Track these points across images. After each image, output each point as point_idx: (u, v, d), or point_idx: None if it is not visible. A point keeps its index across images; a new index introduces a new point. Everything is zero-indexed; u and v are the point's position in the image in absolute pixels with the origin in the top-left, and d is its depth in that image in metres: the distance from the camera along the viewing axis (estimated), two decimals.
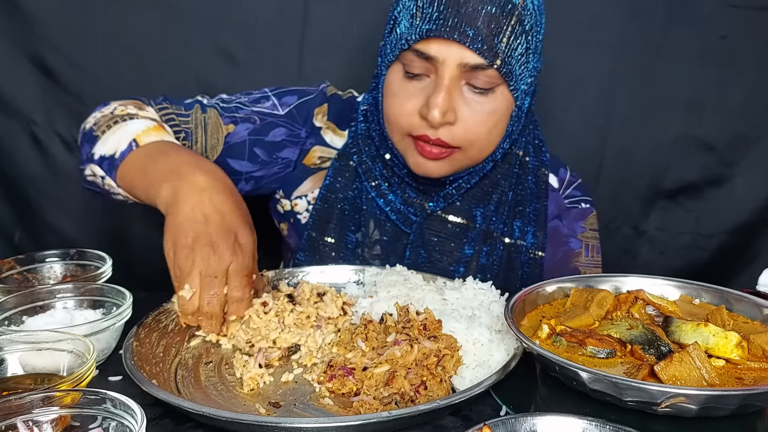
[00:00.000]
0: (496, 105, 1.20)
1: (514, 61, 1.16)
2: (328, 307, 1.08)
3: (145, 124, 1.20)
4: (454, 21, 1.11)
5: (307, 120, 1.39)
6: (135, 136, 1.17)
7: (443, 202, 1.33)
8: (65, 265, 1.18)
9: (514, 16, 1.14)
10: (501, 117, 1.22)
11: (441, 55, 1.14)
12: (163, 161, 1.12)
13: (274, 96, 1.40)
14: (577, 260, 1.40)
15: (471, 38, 1.11)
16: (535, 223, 1.37)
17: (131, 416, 0.67)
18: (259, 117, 1.36)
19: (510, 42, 1.14)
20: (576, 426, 0.71)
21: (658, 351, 0.85)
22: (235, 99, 1.39)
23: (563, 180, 1.44)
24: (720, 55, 1.76)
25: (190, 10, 1.80)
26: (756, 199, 1.87)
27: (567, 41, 1.77)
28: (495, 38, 1.12)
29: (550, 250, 1.39)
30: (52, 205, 1.95)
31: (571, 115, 1.86)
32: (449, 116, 1.17)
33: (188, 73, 1.86)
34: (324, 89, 1.42)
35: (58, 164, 1.93)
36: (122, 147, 1.16)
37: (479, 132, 1.21)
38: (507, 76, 1.16)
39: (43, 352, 0.86)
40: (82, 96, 1.88)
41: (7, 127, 1.89)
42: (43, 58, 1.83)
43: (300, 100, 1.39)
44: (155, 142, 1.16)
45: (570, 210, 1.42)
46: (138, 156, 1.15)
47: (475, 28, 1.11)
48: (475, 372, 0.90)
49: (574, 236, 1.41)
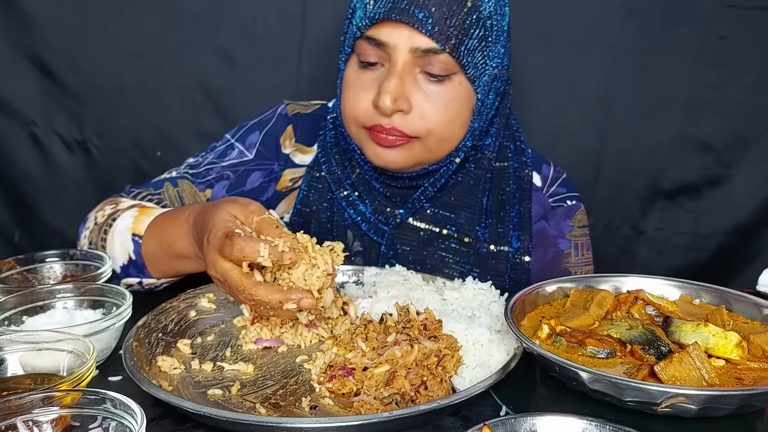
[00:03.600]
0: (455, 94, 1.17)
1: (470, 47, 1.14)
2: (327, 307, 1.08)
3: (131, 215, 1.20)
4: (403, 4, 1.10)
5: (277, 153, 1.38)
6: (132, 231, 1.17)
7: (411, 208, 1.30)
8: (65, 265, 1.18)
9: (470, 0, 1.12)
10: (461, 107, 1.19)
11: (392, 40, 1.13)
12: (170, 228, 1.13)
13: (237, 142, 1.39)
14: (567, 261, 1.38)
15: (421, 21, 1.10)
16: (519, 227, 1.33)
17: (131, 416, 0.67)
18: (231, 171, 1.35)
19: (464, 26, 1.12)
20: (576, 426, 0.71)
21: (658, 351, 0.85)
22: (203, 161, 1.38)
23: (546, 177, 1.40)
24: (719, 55, 1.77)
25: (190, 11, 1.80)
26: (755, 199, 1.87)
27: (566, 41, 1.78)
28: (447, 21, 1.11)
29: (538, 252, 1.36)
30: (52, 205, 1.96)
31: (569, 115, 1.86)
32: (401, 103, 1.14)
33: (188, 73, 1.86)
34: (283, 111, 1.40)
35: (57, 164, 1.94)
36: (130, 247, 1.17)
37: (437, 121, 1.18)
38: (462, 62, 1.14)
39: (43, 352, 0.86)
40: (82, 97, 1.88)
41: (7, 127, 1.89)
42: (43, 59, 1.83)
43: (263, 134, 1.38)
44: (150, 223, 1.17)
45: (556, 209, 1.38)
46: (150, 244, 1.16)
47: (426, 11, 1.10)
48: (475, 372, 0.91)
49: (562, 236, 1.38)
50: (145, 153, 1.93)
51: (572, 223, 1.39)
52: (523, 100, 1.85)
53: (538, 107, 1.86)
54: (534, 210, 1.36)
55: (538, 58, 1.80)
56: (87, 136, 1.92)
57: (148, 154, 1.92)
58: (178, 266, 1.17)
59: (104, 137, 1.93)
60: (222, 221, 0.97)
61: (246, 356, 1.00)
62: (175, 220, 1.13)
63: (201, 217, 1.05)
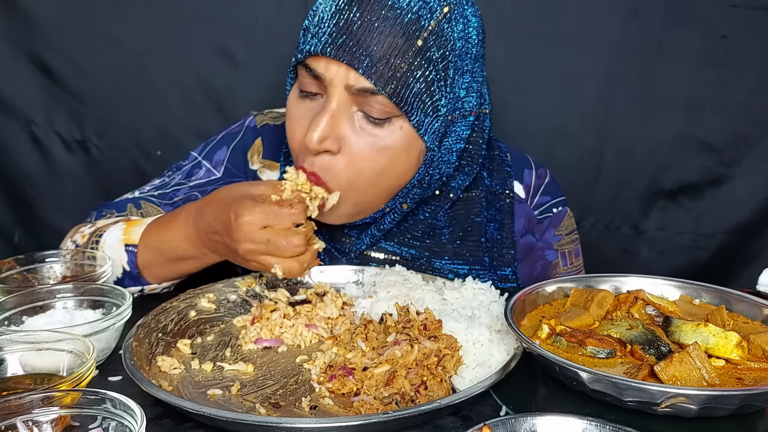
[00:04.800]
0: (393, 140, 1.06)
1: (416, 90, 1.03)
2: (327, 307, 1.08)
3: (119, 229, 1.18)
4: (343, 39, 1.01)
5: (245, 169, 1.33)
6: (124, 242, 1.16)
7: (367, 241, 1.23)
8: (65, 265, 1.18)
9: (420, 39, 1.02)
10: (398, 156, 1.08)
11: (328, 75, 1.03)
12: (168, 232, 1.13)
13: (204, 159, 1.34)
14: (556, 271, 1.34)
15: (358, 59, 1.00)
16: (498, 255, 1.26)
17: (131, 416, 0.67)
18: (199, 191, 1.30)
19: (410, 68, 1.02)
20: (576, 426, 0.71)
21: (658, 351, 0.85)
22: (170, 182, 1.33)
23: (529, 186, 1.33)
24: (720, 54, 1.77)
25: (190, 10, 1.80)
26: (756, 199, 1.87)
27: (567, 41, 1.78)
28: (389, 61, 1.01)
29: (526, 267, 1.32)
30: (51, 205, 1.96)
31: (570, 115, 1.86)
32: (329, 144, 1.05)
33: (188, 73, 1.86)
34: (252, 123, 1.35)
35: (57, 164, 1.94)
36: (124, 259, 1.16)
37: (363, 169, 1.07)
38: (404, 107, 1.03)
39: (43, 352, 0.86)
40: (82, 96, 1.88)
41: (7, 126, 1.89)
42: (43, 58, 1.84)
43: (231, 150, 1.33)
44: (144, 231, 1.16)
45: (542, 222, 1.33)
46: (147, 252, 1.15)
47: (366, 49, 1.00)
48: (475, 372, 0.90)
49: (549, 248, 1.34)
50: (146, 152, 1.93)
51: (559, 231, 1.35)
52: (524, 100, 1.85)
53: (539, 107, 1.86)
54: (520, 225, 1.30)
55: (538, 58, 1.80)
56: (87, 136, 1.92)
57: (149, 153, 1.92)
58: (179, 269, 1.16)
59: (104, 136, 1.93)
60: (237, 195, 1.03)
61: (246, 356, 1.00)
62: (173, 223, 1.12)
63: (205, 214, 1.06)
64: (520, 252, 1.31)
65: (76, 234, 1.24)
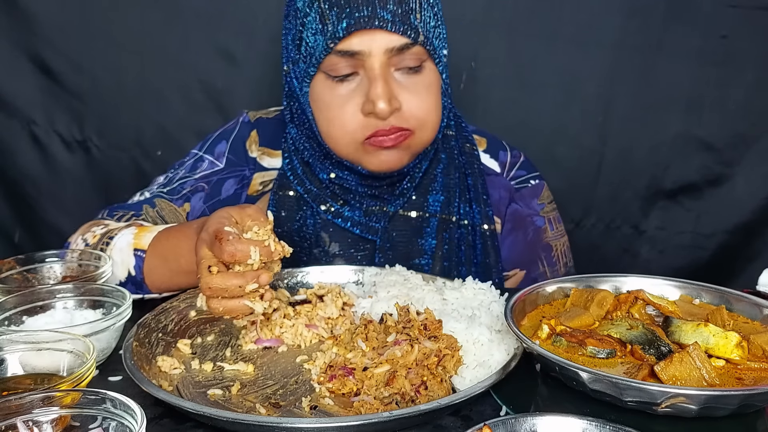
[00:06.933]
0: (430, 80, 1.21)
1: (432, 34, 1.18)
2: (327, 307, 1.08)
3: (130, 233, 1.19)
4: (368, 10, 1.12)
5: (246, 157, 1.38)
6: (134, 247, 1.16)
7: (401, 199, 1.32)
8: (65, 265, 1.18)
9: None
10: (437, 92, 1.23)
11: (366, 47, 1.14)
12: (177, 242, 1.13)
13: (206, 153, 1.39)
14: (546, 236, 1.42)
15: (390, 21, 1.12)
16: (475, 198, 1.35)
17: (131, 416, 0.67)
18: (205, 182, 1.35)
19: (423, 16, 1.16)
20: (576, 426, 0.71)
21: (658, 351, 0.85)
22: (175, 177, 1.37)
23: (504, 163, 1.43)
24: (720, 54, 1.77)
25: (190, 10, 1.80)
26: (756, 199, 1.87)
27: (567, 40, 1.78)
28: (410, 16, 1.14)
29: (519, 233, 1.39)
30: (52, 204, 1.96)
31: (570, 114, 1.86)
32: (394, 102, 1.16)
33: (188, 73, 1.86)
34: (246, 118, 1.41)
35: (57, 164, 1.94)
36: (131, 263, 1.16)
37: (428, 109, 1.21)
38: (431, 49, 1.18)
39: (43, 352, 0.86)
40: (82, 96, 1.88)
41: (7, 126, 1.89)
42: (43, 58, 1.84)
43: (230, 142, 1.39)
44: (154, 237, 1.16)
45: (521, 190, 1.42)
46: (153, 259, 1.15)
47: (389, 11, 1.13)
48: (475, 372, 0.90)
49: (536, 214, 1.42)
50: (146, 152, 1.93)
51: (540, 200, 1.43)
52: (524, 99, 1.86)
53: (539, 106, 1.86)
54: (500, 194, 1.39)
55: (539, 57, 1.80)
56: (87, 135, 1.92)
57: (149, 153, 1.93)
58: (181, 282, 1.15)
59: (104, 136, 1.93)
60: (217, 217, 1.00)
61: (246, 356, 1.00)
62: (184, 234, 1.12)
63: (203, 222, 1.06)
64: (509, 221, 1.39)
65: (87, 233, 1.25)
